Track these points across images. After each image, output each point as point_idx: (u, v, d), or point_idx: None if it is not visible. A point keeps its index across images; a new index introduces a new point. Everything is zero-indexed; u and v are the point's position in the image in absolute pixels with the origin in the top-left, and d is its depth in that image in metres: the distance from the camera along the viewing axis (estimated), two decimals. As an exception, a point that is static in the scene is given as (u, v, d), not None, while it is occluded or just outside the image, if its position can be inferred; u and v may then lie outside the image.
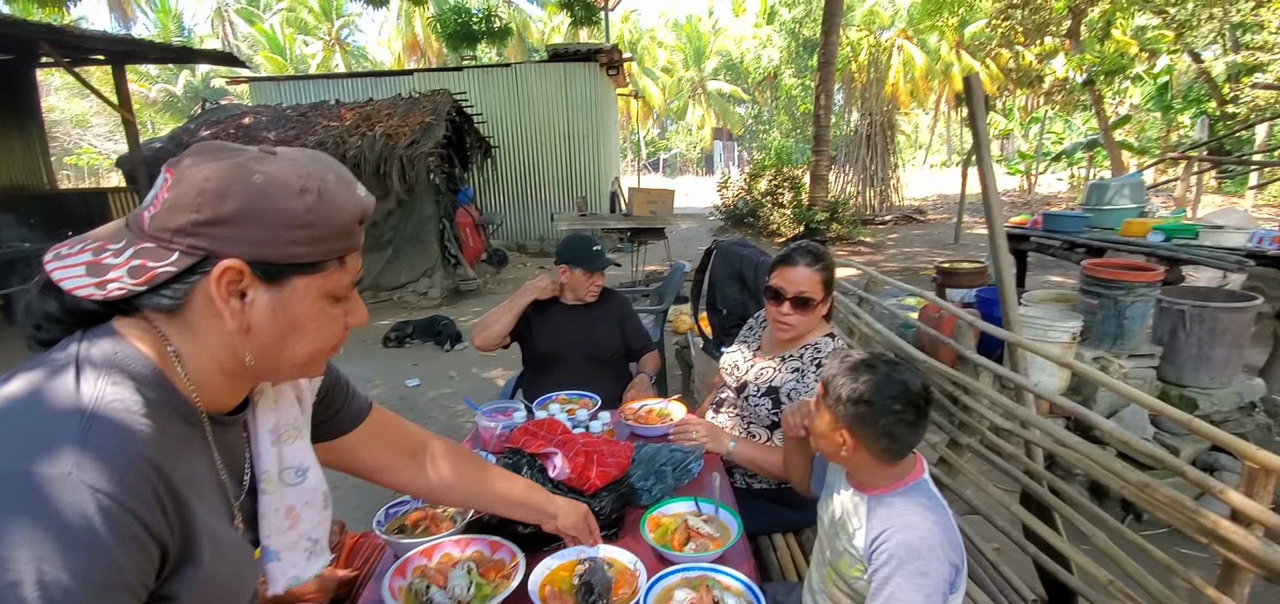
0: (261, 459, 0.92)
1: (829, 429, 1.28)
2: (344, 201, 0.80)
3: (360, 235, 0.85)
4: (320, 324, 0.84)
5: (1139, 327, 3.45)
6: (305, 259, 0.78)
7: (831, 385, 1.26)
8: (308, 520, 0.97)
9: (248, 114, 9.20)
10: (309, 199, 0.76)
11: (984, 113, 1.72)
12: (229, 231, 0.73)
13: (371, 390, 5.21)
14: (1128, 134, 17.44)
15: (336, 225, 0.79)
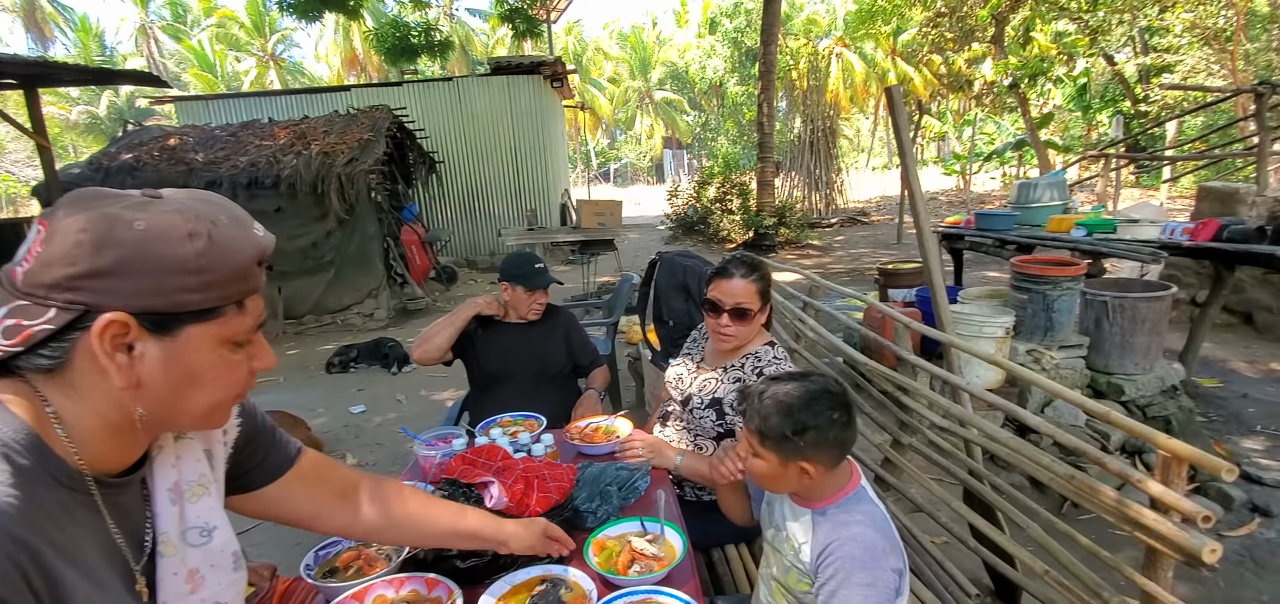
0: (160, 519, 0.86)
1: (780, 468, 1.26)
2: (239, 243, 0.77)
3: (260, 277, 0.81)
4: (220, 372, 0.80)
5: (1066, 319, 3.61)
6: (198, 306, 0.74)
7: (771, 428, 1.24)
8: (213, 584, 0.90)
9: (173, 135, 8.76)
10: (199, 244, 0.72)
11: (907, 121, 1.77)
12: (110, 283, 0.69)
13: (315, 419, 5.00)
14: (1052, 133, 18.37)
15: (232, 268, 0.76)
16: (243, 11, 30.50)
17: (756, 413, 1.25)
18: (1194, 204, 6.32)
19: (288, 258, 7.88)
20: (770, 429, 1.23)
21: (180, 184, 7.44)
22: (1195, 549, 1.20)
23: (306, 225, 7.80)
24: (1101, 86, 17.27)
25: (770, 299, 1.94)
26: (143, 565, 0.83)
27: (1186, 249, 4.02)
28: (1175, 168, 13.23)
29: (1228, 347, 5.28)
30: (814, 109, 15.18)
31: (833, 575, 1.19)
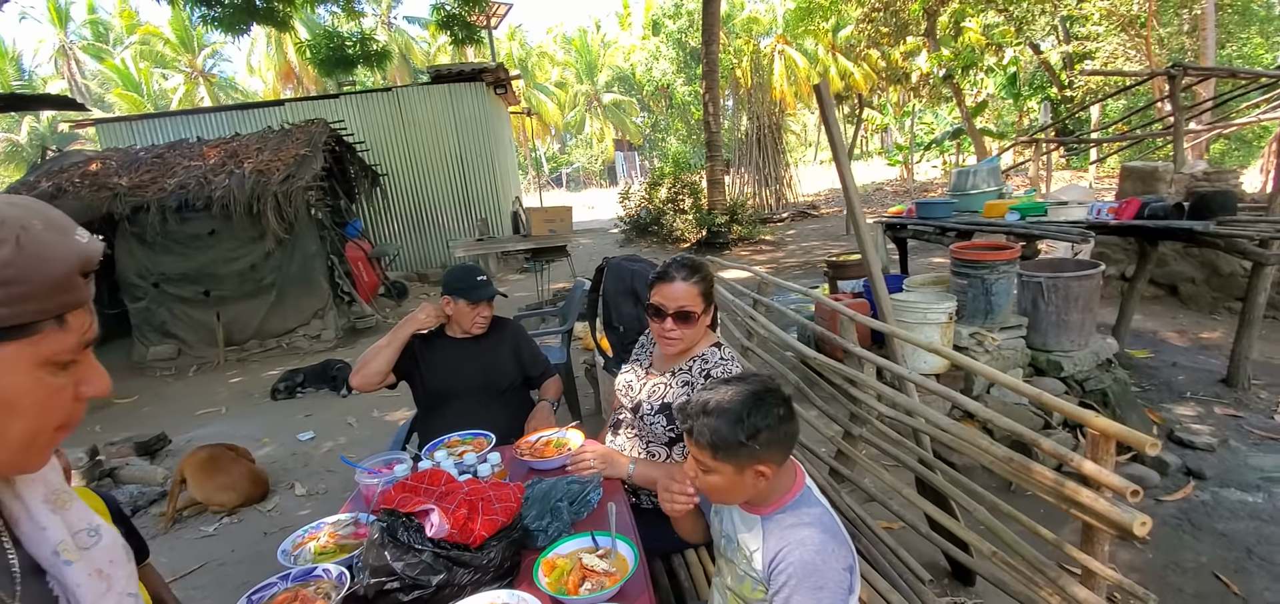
0: (49, 532, 0.79)
1: (735, 477, 1.24)
2: (56, 250, 0.69)
3: (86, 289, 0.74)
4: (38, 398, 0.72)
5: (1005, 301, 3.74)
6: (7, 321, 0.67)
7: (723, 439, 1.21)
8: (121, 577, 0.85)
9: (95, 160, 8.29)
10: (5, 251, 0.66)
11: (835, 115, 1.79)
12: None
13: (261, 450, 4.80)
14: (987, 121, 19.11)
15: (47, 279, 0.68)
16: (168, 28, 29.13)
17: (705, 429, 1.22)
18: (1118, 183, 6.63)
19: (225, 282, 7.55)
20: (723, 440, 1.21)
21: (104, 211, 7.06)
22: (1126, 523, 1.24)
23: (243, 247, 7.49)
24: (1030, 75, 18.05)
25: (714, 300, 1.94)
26: (21, 592, 0.77)
27: (1113, 228, 4.21)
28: (1101, 149, 13.92)
29: (1156, 318, 5.57)
30: (759, 106, 15.39)
31: (785, 583, 1.19)
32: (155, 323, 7.56)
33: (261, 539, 3.58)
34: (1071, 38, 16.71)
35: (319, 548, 1.65)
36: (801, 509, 1.25)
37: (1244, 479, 3.13)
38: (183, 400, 6.42)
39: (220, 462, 3.90)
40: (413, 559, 1.35)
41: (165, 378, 7.32)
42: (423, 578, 1.34)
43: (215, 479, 3.83)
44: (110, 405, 6.43)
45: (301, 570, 1.51)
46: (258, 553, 3.43)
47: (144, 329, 7.59)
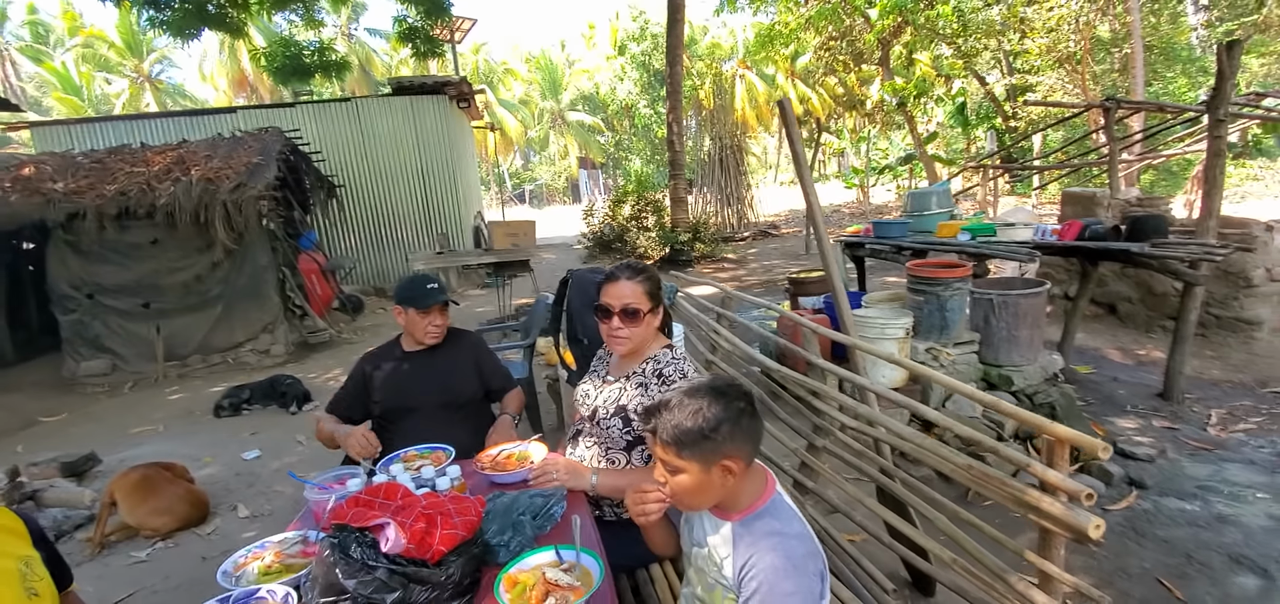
0: None
1: (703, 475, 1.23)
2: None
3: None
4: None
5: (958, 317, 3.85)
6: None
7: (686, 433, 1.20)
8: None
9: (29, 163, 7.85)
10: None
11: (799, 134, 1.82)
12: None
13: (202, 470, 4.56)
14: (938, 148, 19.84)
15: None
16: (114, 31, 27.99)
17: (668, 426, 1.22)
18: (1060, 208, 6.94)
19: (167, 294, 7.21)
20: (686, 435, 1.20)
21: (37, 217, 6.68)
22: (1081, 526, 1.27)
23: (188, 257, 7.18)
24: (977, 105, 18.86)
25: (661, 301, 1.97)
26: None
27: (1057, 248, 4.39)
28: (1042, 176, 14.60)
29: (1098, 336, 5.81)
30: (722, 127, 15.64)
31: (756, 591, 1.17)
32: (88, 336, 7.16)
33: (200, 564, 3.39)
34: (1014, 71, 17.53)
35: (263, 568, 1.56)
36: (771, 516, 1.24)
37: (1182, 488, 3.27)
38: (116, 418, 6.07)
39: (154, 483, 3.68)
40: (366, 577, 1.28)
41: (98, 395, 6.92)
42: (377, 596, 1.28)
43: (148, 502, 3.61)
44: (35, 424, 6.04)
45: (243, 593, 1.42)
46: (195, 579, 3.24)
47: (75, 343, 7.17)
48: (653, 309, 1.92)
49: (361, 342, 8.25)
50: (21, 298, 8.47)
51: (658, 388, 1.88)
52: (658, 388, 1.88)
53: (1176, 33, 17.28)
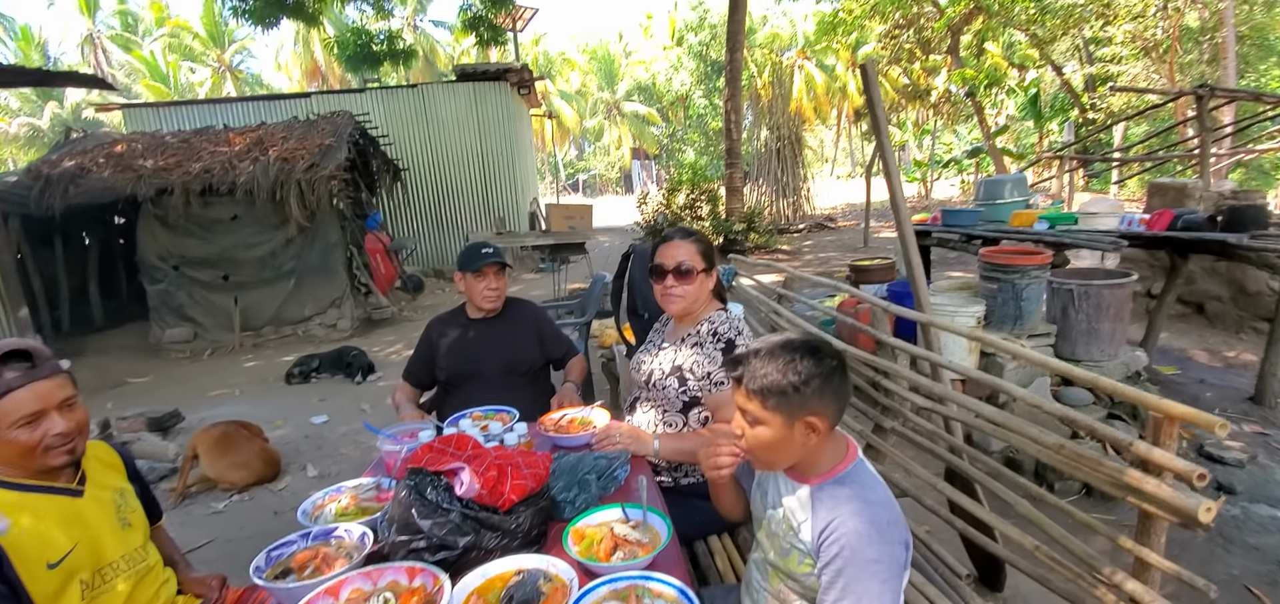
0: None
1: (785, 430, 1.18)
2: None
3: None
4: None
5: (1034, 307, 3.66)
6: None
7: (772, 384, 1.16)
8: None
9: (121, 141, 8.39)
10: None
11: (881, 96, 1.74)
12: None
13: (274, 432, 4.79)
14: (1007, 141, 18.96)
15: None
16: (198, 22, 29.61)
17: (754, 375, 1.17)
18: (1145, 200, 6.52)
19: (245, 267, 7.59)
20: (772, 385, 1.15)
21: (128, 192, 7.13)
22: (1191, 509, 1.18)
23: (264, 233, 7.54)
24: (1051, 96, 17.91)
25: (714, 264, 1.98)
26: None
27: (1145, 238, 4.12)
28: (1122, 170, 13.76)
29: (1183, 336, 5.44)
30: (779, 118, 15.36)
31: (838, 554, 1.12)
32: (173, 305, 7.61)
33: (271, 518, 3.56)
34: (1094, 60, 16.56)
35: (340, 510, 1.61)
36: (853, 483, 1.19)
37: (1273, 495, 3.09)
38: (197, 382, 6.44)
39: (233, 439, 3.89)
40: (441, 519, 1.31)
41: (181, 360, 7.36)
42: (450, 538, 1.30)
43: (228, 457, 3.82)
44: (123, 384, 6.46)
45: (322, 530, 1.48)
46: (268, 531, 3.39)
47: (161, 311, 7.64)
48: (706, 270, 1.94)
49: (421, 319, 8.49)
50: (113, 268, 9.08)
51: (713, 346, 1.88)
52: (713, 346, 1.88)
53: (1271, 22, 15.97)
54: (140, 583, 1.50)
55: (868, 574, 1.09)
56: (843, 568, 1.11)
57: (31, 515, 1.32)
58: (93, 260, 8.75)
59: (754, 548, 1.41)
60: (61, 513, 1.38)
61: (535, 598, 1.19)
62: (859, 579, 1.09)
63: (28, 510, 1.32)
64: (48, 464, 1.36)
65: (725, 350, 1.85)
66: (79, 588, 1.36)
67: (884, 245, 11.30)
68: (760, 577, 1.34)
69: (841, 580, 1.11)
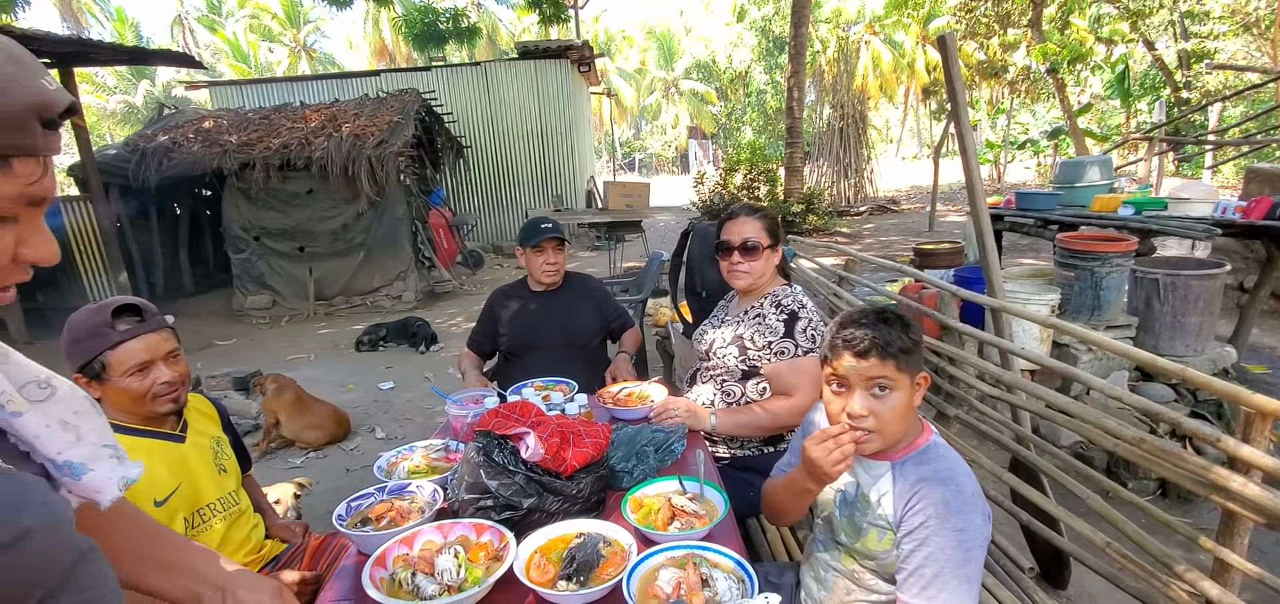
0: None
1: (909, 392, 1.17)
2: (12, 83, 0.63)
3: (39, 137, 0.66)
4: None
5: (1115, 297, 3.47)
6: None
7: (896, 344, 1.14)
8: (92, 430, 0.81)
9: (209, 117, 8.91)
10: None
11: (959, 69, 1.68)
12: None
13: (345, 395, 5.06)
14: (1090, 122, 17.82)
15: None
16: (276, 3, 30.97)
17: (877, 343, 1.13)
18: (1242, 187, 6.05)
19: (319, 240, 7.97)
20: (896, 344, 1.14)
21: (214, 166, 7.57)
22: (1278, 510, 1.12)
23: (337, 207, 7.88)
24: (1141, 74, 16.70)
25: (779, 241, 1.98)
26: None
27: (1240, 227, 3.82)
28: (1217, 155, 12.75)
29: (1275, 333, 5.05)
30: (843, 96, 14.90)
31: (922, 524, 1.13)
32: (254, 274, 8.08)
33: (344, 475, 3.77)
34: (1189, 35, 15.32)
35: (412, 468, 1.70)
36: (933, 458, 1.20)
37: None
38: (276, 346, 6.83)
39: (306, 402, 4.13)
40: (507, 480, 1.37)
41: (261, 325, 7.82)
42: (515, 499, 1.36)
43: (303, 418, 4.06)
44: (210, 346, 6.92)
45: (397, 485, 1.56)
46: (340, 486, 3.61)
47: (243, 279, 8.12)
48: (772, 246, 1.94)
49: (480, 294, 8.74)
50: (201, 237, 9.69)
51: (776, 318, 1.88)
52: (776, 318, 1.88)
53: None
54: (233, 525, 1.63)
55: (953, 542, 1.10)
56: (928, 537, 1.12)
57: (141, 456, 1.45)
58: (183, 230, 9.36)
59: (817, 530, 1.42)
60: (166, 455, 1.52)
61: (595, 560, 1.23)
62: (944, 547, 1.10)
63: (138, 452, 1.45)
64: (155, 411, 1.50)
65: (787, 323, 1.85)
66: (181, 525, 1.49)
67: (950, 231, 10.88)
68: (828, 557, 1.35)
69: (925, 549, 1.12)
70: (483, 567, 1.23)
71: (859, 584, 1.29)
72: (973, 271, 4.10)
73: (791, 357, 1.83)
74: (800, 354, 1.82)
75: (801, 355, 1.82)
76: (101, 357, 1.41)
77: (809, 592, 1.41)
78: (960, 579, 1.09)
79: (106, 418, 0.85)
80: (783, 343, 1.84)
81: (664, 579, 1.17)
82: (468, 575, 1.20)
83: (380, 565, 1.23)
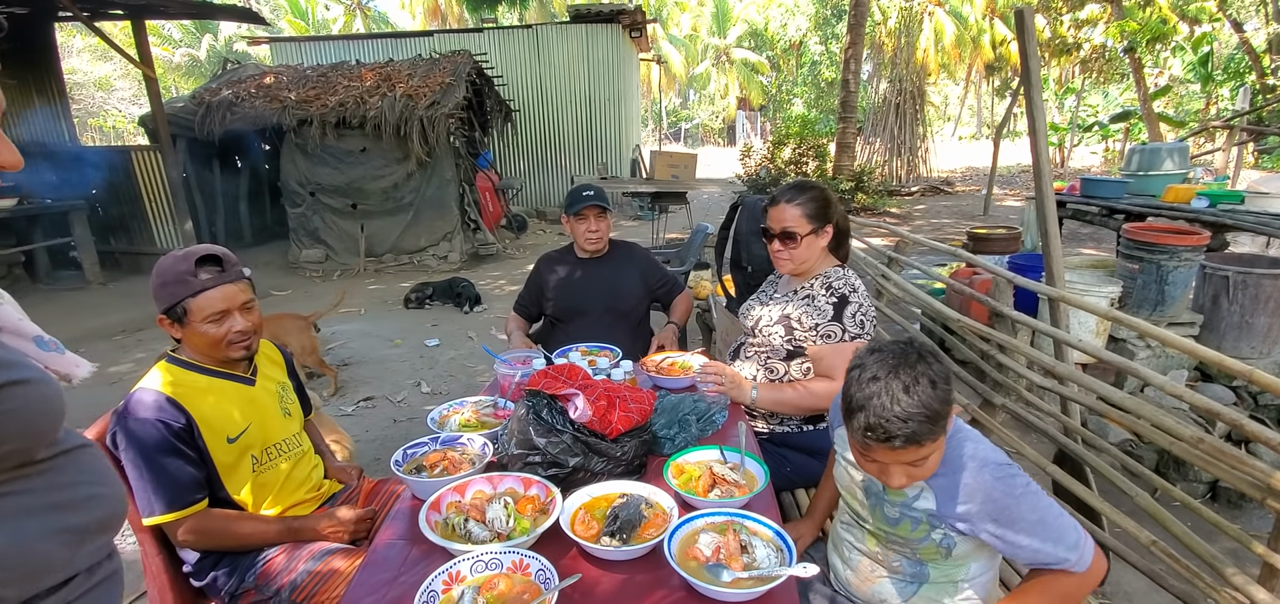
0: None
1: (942, 439, 1.15)
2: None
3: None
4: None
5: (1180, 292, 3.32)
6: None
7: (928, 426, 1.08)
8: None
9: (269, 73, 9.17)
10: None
11: (1036, 48, 1.62)
12: None
13: (393, 350, 5.25)
14: (1166, 106, 16.80)
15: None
16: (333, -40, 31.46)
17: (913, 437, 1.08)
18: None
19: (370, 197, 8.19)
20: (930, 426, 1.08)
21: (273, 121, 7.82)
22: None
23: (389, 167, 8.07)
24: (1225, 57, 15.62)
25: (829, 221, 1.91)
26: None
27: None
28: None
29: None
30: (902, 70, 14.39)
31: (1001, 510, 1.12)
32: (309, 228, 8.36)
33: (391, 424, 3.93)
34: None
35: (463, 421, 1.78)
36: (959, 441, 1.19)
37: None
38: (327, 299, 7.04)
39: (283, 321, 4.23)
40: (555, 438, 1.42)
41: (314, 278, 8.12)
42: (562, 457, 1.41)
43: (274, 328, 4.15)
44: (268, 296, 7.23)
45: (449, 436, 1.64)
46: (388, 435, 3.77)
47: (299, 233, 8.42)
48: (814, 231, 1.89)
49: (525, 258, 8.86)
50: (260, 190, 10.06)
51: (825, 299, 1.87)
52: (825, 299, 1.87)
53: None
54: (297, 464, 1.74)
55: (1028, 504, 1.12)
56: (1011, 516, 1.12)
57: (217, 396, 1.56)
58: (243, 182, 9.72)
59: (841, 511, 1.43)
60: (239, 397, 1.62)
61: (638, 520, 1.28)
62: (1035, 508, 1.12)
63: (214, 392, 1.56)
64: (229, 356, 1.59)
65: (837, 306, 1.84)
66: (251, 462, 1.60)
67: (1006, 215, 10.50)
68: (852, 537, 1.36)
69: (1014, 526, 1.12)
70: (530, 518, 1.29)
71: (884, 565, 1.30)
72: (1028, 259, 3.97)
73: (837, 341, 1.82)
74: (847, 339, 1.82)
75: (848, 341, 1.82)
76: (184, 302, 1.50)
77: (834, 569, 1.43)
78: (1053, 511, 1.13)
79: (184, 357, 0.94)
80: (830, 326, 1.83)
81: (704, 543, 1.21)
82: (516, 525, 1.26)
83: (435, 510, 1.31)
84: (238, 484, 1.57)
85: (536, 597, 1.07)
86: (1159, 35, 13.86)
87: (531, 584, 1.11)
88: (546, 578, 1.10)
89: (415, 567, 1.21)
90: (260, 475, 1.61)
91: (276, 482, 1.65)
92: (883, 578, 1.30)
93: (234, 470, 1.57)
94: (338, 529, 1.60)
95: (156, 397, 1.45)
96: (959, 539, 1.19)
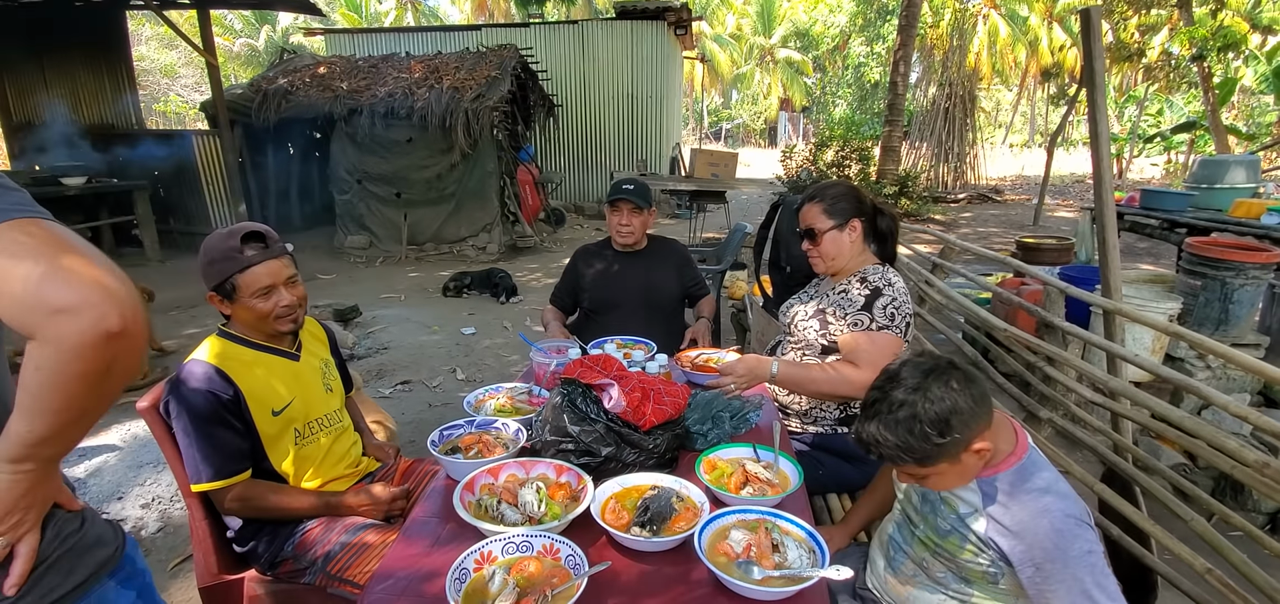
0: None
1: (955, 465, 1.12)
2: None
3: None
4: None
5: (1246, 312, 3.15)
6: None
7: (925, 449, 1.09)
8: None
9: (322, 63, 9.44)
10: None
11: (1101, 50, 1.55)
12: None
13: (431, 336, 5.35)
14: (1234, 118, 15.99)
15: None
16: (385, -45, 32.19)
17: (900, 453, 1.10)
18: None
19: (415, 187, 8.36)
20: (928, 450, 1.08)
21: (325, 109, 8.05)
22: None
23: (433, 157, 8.22)
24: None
25: (856, 214, 1.88)
26: None
27: None
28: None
29: None
30: (953, 73, 14.01)
31: (1048, 560, 1.07)
32: (355, 215, 8.59)
33: (427, 408, 4.00)
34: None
35: (498, 406, 1.80)
36: (1034, 475, 1.13)
37: None
38: (371, 285, 7.27)
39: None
40: (588, 427, 1.43)
41: (358, 264, 8.33)
42: (595, 446, 1.42)
43: None
44: (314, 279, 7.44)
45: (484, 420, 1.66)
46: (424, 419, 3.84)
47: (345, 219, 8.65)
48: (835, 226, 1.88)
49: (561, 251, 8.93)
50: (310, 177, 10.37)
51: (859, 290, 1.85)
52: (859, 290, 1.85)
53: None
54: (337, 440, 1.78)
55: (1086, 568, 1.04)
56: (1056, 570, 1.06)
57: (263, 369, 1.61)
58: (295, 168, 10.04)
59: (895, 511, 1.40)
60: (284, 371, 1.67)
61: (668, 513, 1.27)
62: (1082, 580, 1.04)
63: (260, 365, 1.61)
64: (275, 330, 1.64)
65: (869, 297, 1.81)
66: (293, 435, 1.65)
67: (1057, 226, 10.14)
68: (901, 538, 1.33)
69: (1051, 581, 1.06)
70: (561, 504, 1.30)
71: (928, 573, 1.26)
72: (1081, 271, 3.82)
73: (865, 329, 1.79)
74: (874, 328, 1.79)
75: (875, 330, 1.78)
76: (232, 278, 1.55)
77: (873, 565, 1.40)
78: (1108, 591, 1.04)
79: (233, 332, 0.96)
80: (858, 314, 1.81)
81: (735, 539, 1.20)
82: (547, 510, 1.27)
83: (469, 491, 1.32)
84: (280, 455, 1.62)
85: (565, 581, 1.07)
86: (1230, 43, 13.19)
87: (561, 568, 1.12)
88: (576, 563, 1.11)
89: (448, 544, 1.23)
90: (302, 448, 1.66)
91: (317, 455, 1.69)
92: (923, 586, 1.27)
93: (277, 442, 1.61)
94: (371, 506, 1.63)
95: (206, 368, 1.50)
96: (1007, 570, 1.14)
